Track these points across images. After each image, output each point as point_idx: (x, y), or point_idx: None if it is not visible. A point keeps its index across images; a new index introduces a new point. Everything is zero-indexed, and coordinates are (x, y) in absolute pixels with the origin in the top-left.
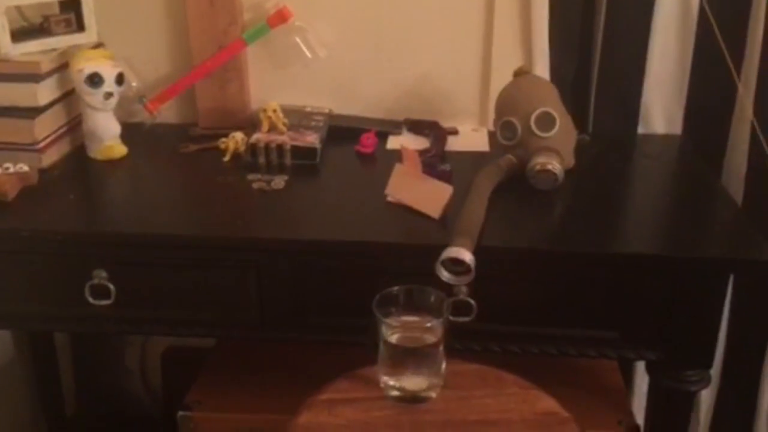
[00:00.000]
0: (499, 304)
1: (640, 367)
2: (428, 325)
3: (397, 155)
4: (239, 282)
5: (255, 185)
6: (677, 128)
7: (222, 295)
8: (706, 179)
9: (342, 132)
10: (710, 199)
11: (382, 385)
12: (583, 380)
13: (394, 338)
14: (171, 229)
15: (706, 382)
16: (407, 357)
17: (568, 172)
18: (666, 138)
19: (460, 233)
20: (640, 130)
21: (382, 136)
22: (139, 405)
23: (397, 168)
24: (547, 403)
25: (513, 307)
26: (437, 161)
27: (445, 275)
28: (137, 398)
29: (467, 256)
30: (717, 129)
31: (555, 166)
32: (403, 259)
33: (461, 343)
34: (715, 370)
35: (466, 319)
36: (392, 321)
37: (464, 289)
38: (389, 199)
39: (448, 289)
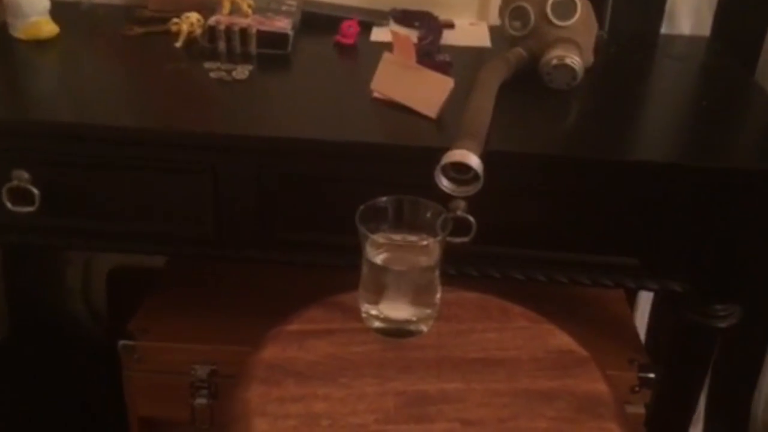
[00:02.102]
0: (501, 222)
1: (643, 297)
2: (424, 243)
3: (382, 48)
4: (191, 188)
5: (213, 74)
6: (705, 29)
7: (170, 203)
8: (739, 81)
9: (318, 20)
10: (744, 104)
11: (363, 314)
12: (586, 312)
13: (380, 258)
14: (108, 119)
15: (735, 317)
16: (395, 282)
17: (585, 72)
18: (693, 39)
19: (466, 134)
20: (664, 30)
21: (366, 27)
22: (82, 329)
23: (386, 57)
24: (560, 339)
25: (518, 226)
26: (434, 50)
27: (446, 184)
28: (79, 321)
29: (474, 161)
30: (751, 31)
31: (574, 60)
32: (391, 164)
33: (456, 268)
34: None
35: (464, 239)
36: (379, 237)
37: (462, 204)
38: (375, 95)
39: (443, 204)
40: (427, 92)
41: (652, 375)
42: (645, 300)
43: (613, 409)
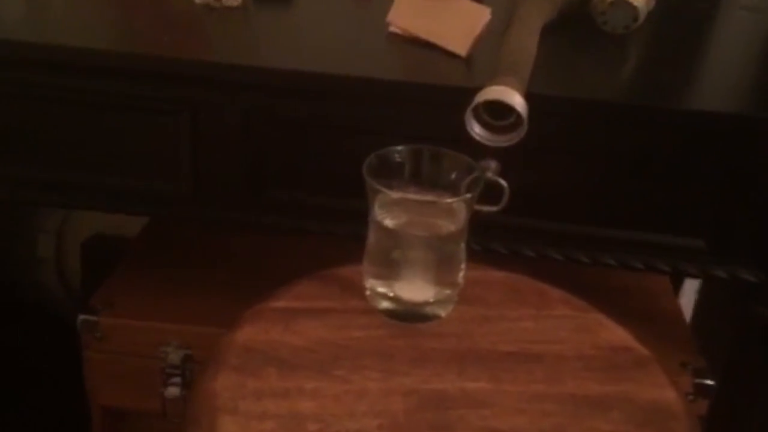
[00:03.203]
0: (539, 189)
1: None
2: (448, 201)
3: None
4: (165, 133)
5: (198, 0)
6: None
7: (139, 151)
8: None
9: None
10: None
11: (368, 292)
12: (627, 305)
13: (391, 221)
14: (63, 38)
15: None
16: (409, 252)
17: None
18: None
19: (505, 70)
20: None
21: None
22: (54, 301)
23: None
24: (614, 333)
25: (558, 194)
26: None
27: (478, 131)
28: (52, 293)
29: (517, 100)
30: None
31: None
32: (409, 108)
33: (481, 243)
34: None
35: (492, 208)
36: (392, 192)
37: (493, 164)
38: (392, 29)
39: None
40: (456, 24)
41: (710, 382)
42: (688, 291)
43: (685, 423)
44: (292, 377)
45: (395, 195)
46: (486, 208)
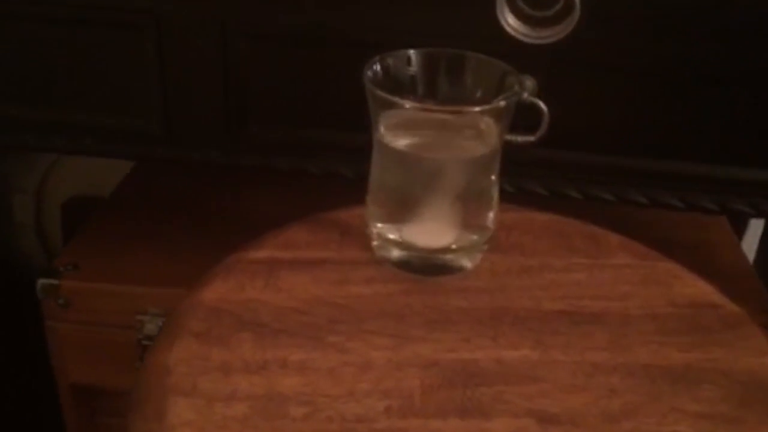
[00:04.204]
0: (584, 114)
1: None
2: (477, 109)
3: None
4: (126, 54)
5: None
6: None
7: (95, 77)
8: None
9: None
10: None
11: (374, 240)
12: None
13: (403, 142)
14: None
15: None
16: (426, 183)
17: None
18: None
19: None
20: None
21: None
22: (34, 267)
23: None
24: (693, 287)
25: (608, 119)
26: None
27: (512, 23)
28: (31, 258)
29: None
30: None
31: None
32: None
33: (513, 183)
34: None
35: (528, 138)
36: (404, 102)
37: (529, 83)
38: None
39: None
40: None
41: None
42: (751, 235)
43: None
44: (272, 346)
45: (408, 104)
46: (521, 138)
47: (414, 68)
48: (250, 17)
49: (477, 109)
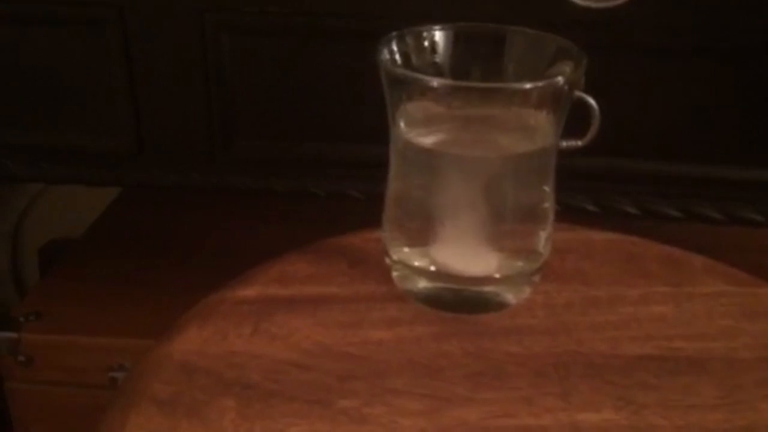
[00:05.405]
0: (643, 115)
1: None
2: (528, 86)
3: None
4: (86, 59)
5: None
6: None
7: (51, 87)
8: None
9: None
10: None
11: (395, 272)
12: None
13: (429, 139)
14: None
15: None
16: (461, 192)
17: None
18: None
19: None
20: None
21: None
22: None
23: None
24: None
25: (672, 122)
26: None
27: None
28: (8, 307)
29: None
30: None
31: None
32: None
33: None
34: None
35: (575, 143)
36: (432, 80)
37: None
38: None
39: None
40: None
41: None
42: None
43: None
44: (264, 416)
45: (436, 81)
46: (565, 143)
47: (439, 51)
48: (234, 5)
49: (528, 85)
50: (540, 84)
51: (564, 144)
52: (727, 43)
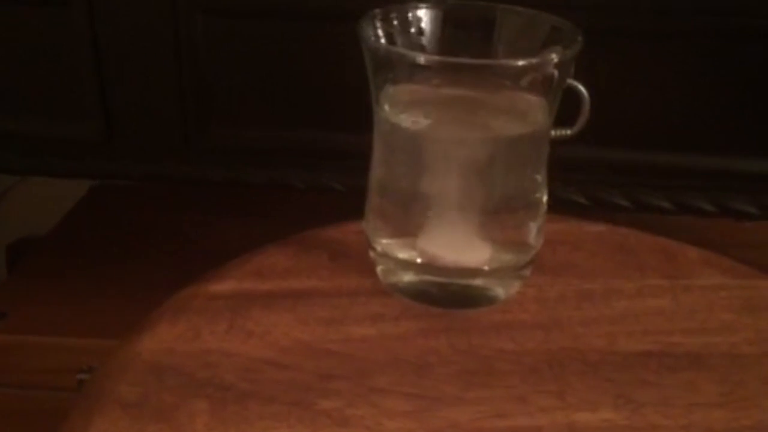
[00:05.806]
0: (635, 103)
1: None
2: (521, 63)
3: None
4: (50, 40)
5: None
6: None
7: (11, 71)
8: None
9: None
10: None
11: (379, 266)
12: None
13: (416, 121)
14: None
15: None
16: (449, 179)
17: None
18: None
19: None
20: None
21: None
22: None
23: None
24: None
25: (667, 111)
26: None
27: None
28: None
29: None
30: None
31: None
32: None
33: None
34: None
35: (564, 132)
36: (418, 56)
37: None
38: None
39: None
40: None
41: None
42: None
43: None
44: (239, 419)
45: (422, 57)
46: (554, 132)
47: (426, 31)
48: None
49: (520, 62)
50: (533, 61)
51: (553, 133)
52: (721, 32)
